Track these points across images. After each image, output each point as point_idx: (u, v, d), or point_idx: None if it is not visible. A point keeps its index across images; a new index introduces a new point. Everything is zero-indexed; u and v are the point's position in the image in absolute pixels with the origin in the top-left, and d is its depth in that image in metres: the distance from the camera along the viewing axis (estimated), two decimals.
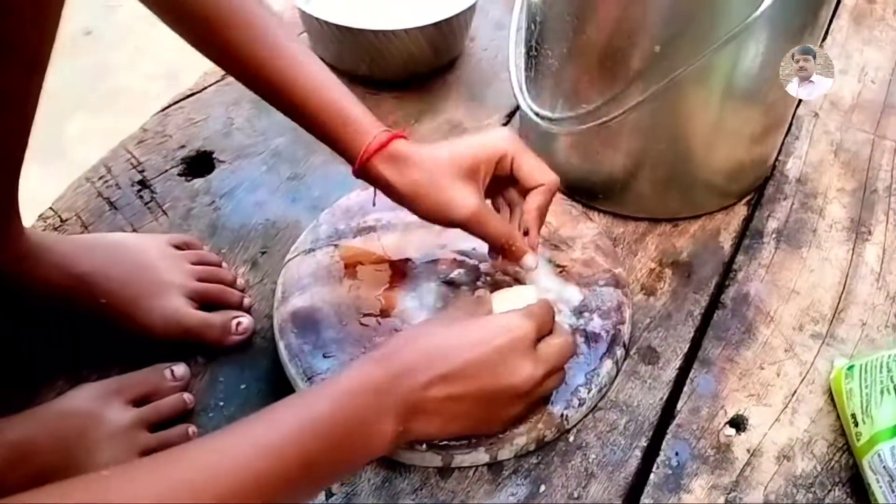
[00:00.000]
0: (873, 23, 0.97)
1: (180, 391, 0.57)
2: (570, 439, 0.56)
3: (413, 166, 0.53)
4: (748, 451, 0.56)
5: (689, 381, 0.60)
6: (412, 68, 0.84)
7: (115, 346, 0.59)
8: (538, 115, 0.69)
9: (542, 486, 0.54)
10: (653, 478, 0.55)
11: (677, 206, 0.71)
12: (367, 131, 0.54)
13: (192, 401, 0.57)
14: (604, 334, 0.60)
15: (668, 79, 0.57)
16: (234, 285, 0.64)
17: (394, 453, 0.54)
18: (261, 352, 0.61)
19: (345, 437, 0.42)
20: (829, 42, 0.92)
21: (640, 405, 0.59)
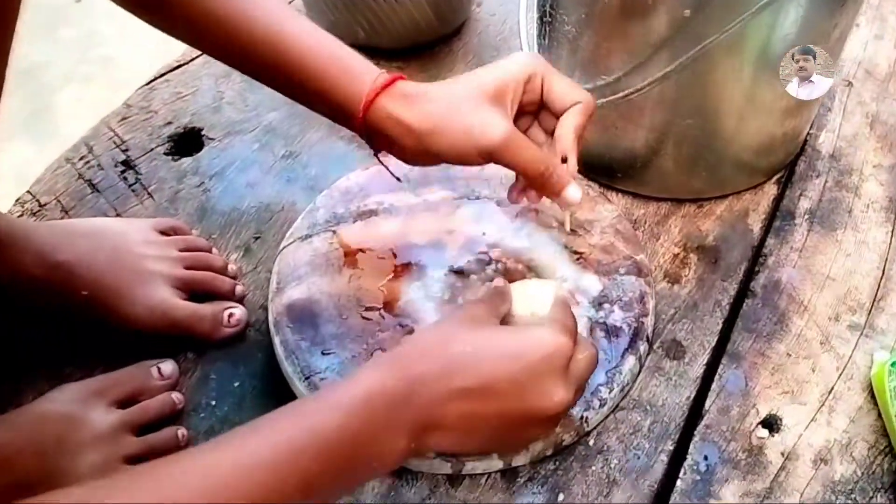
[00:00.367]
0: None
1: (168, 390, 0.54)
2: (591, 443, 0.52)
3: (427, 98, 0.48)
4: (782, 454, 0.52)
5: (717, 377, 0.56)
6: (414, 36, 0.78)
7: (98, 342, 0.56)
8: None
9: (561, 495, 0.50)
10: (680, 484, 0.51)
11: (702, 184, 0.65)
12: (368, 73, 0.48)
13: (181, 400, 0.54)
14: (625, 328, 0.55)
15: (699, 47, 0.52)
16: (226, 272, 0.60)
17: None
18: (255, 346, 0.58)
19: (351, 455, 0.38)
20: (862, 5, 0.86)
21: (666, 405, 0.54)
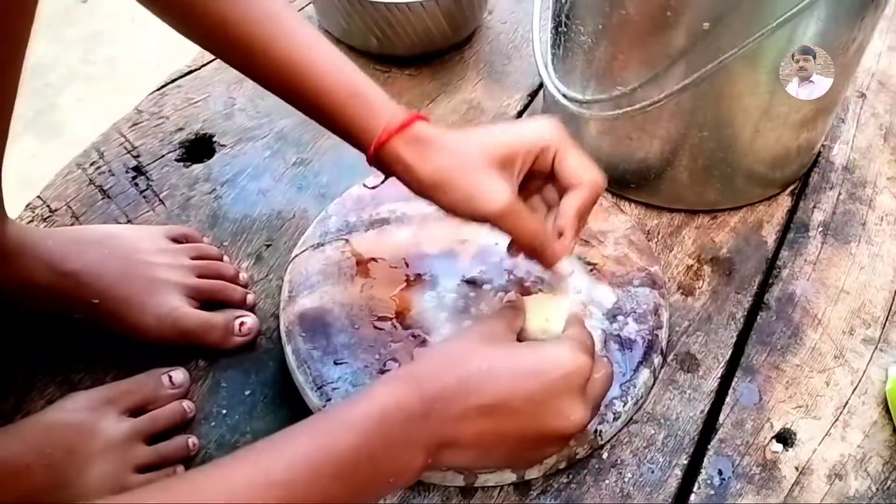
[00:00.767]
0: None
1: (179, 399, 0.54)
2: (604, 456, 0.52)
3: (439, 150, 0.46)
4: (797, 468, 0.52)
5: (731, 390, 0.55)
6: (426, 44, 0.78)
7: (108, 350, 0.55)
8: (566, 97, 0.64)
9: None
10: (694, 499, 0.50)
11: (716, 196, 0.65)
12: (384, 111, 0.47)
13: (192, 409, 0.54)
14: (640, 340, 0.55)
15: (717, 61, 0.52)
16: (237, 281, 0.60)
17: None
18: (266, 354, 0.57)
19: (367, 473, 0.37)
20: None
21: (680, 418, 0.54)
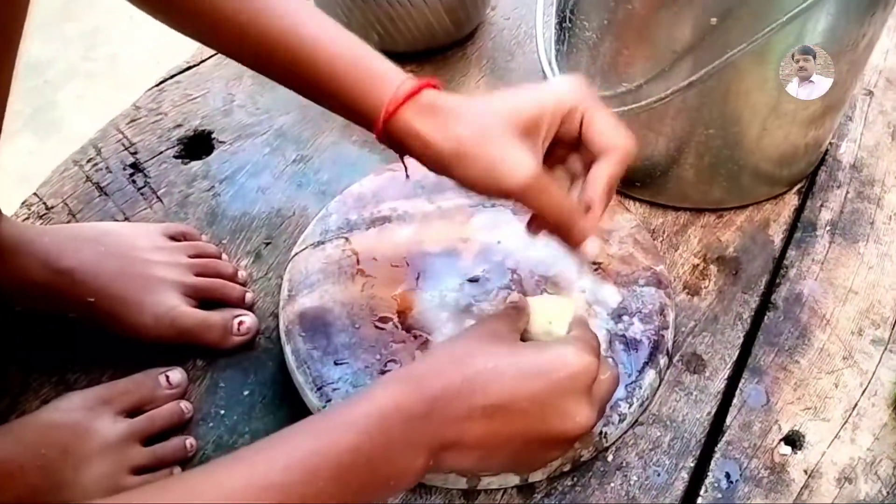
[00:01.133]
0: None
1: (177, 399, 0.53)
2: (609, 459, 0.51)
3: (455, 119, 0.42)
4: (805, 471, 0.51)
5: (738, 392, 0.54)
6: (429, 40, 0.77)
7: (104, 349, 0.55)
8: None
9: None
10: (700, 502, 0.49)
11: (723, 194, 0.64)
12: (391, 79, 0.43)
13: (189, 410, 0.53)
14: (645, 341, 0.54)
15: (725, 56, 0.51)
16: (235, 279, 0.59)
17: None
18: (265, 354, 0.56)
19: (367, 475, 0.36)
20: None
21: (686, 420, 0.53)
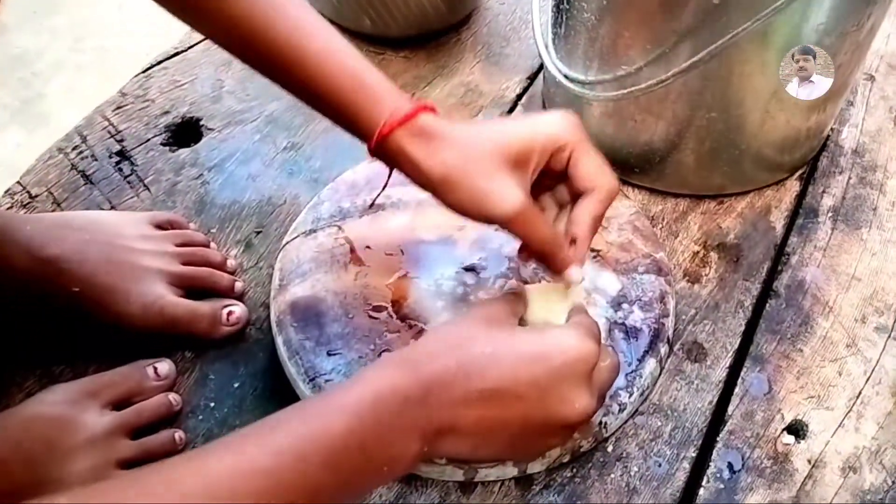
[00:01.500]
0: None
1: (165, 391, 0.52)
2: (609, 449, 0.50)
3: (448, 145, 0.43)
4: (809, 461, 0.50)
5: (740, 380, 0.53)
6: (422, 24, 0.75)
7: (90, 341, 0.53)
8: (567, 78, 0.61)
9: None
10: (703, 493, 0.48)
11: (723, 180, 0.63)
12: (388, 100, 0.44)
13: (178, 402, 0.52)
14: (645, 329, 0.53)
15: (727, 37, 0.50)
16: (225, 268, 0.58)
17: None
18: (256, 345, 0.55)
19: (359, 461, 0.35)
20: None
21: (687, 409, 0.52)
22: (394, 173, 0.47)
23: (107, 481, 0.33)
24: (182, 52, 0.74)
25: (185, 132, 0.68)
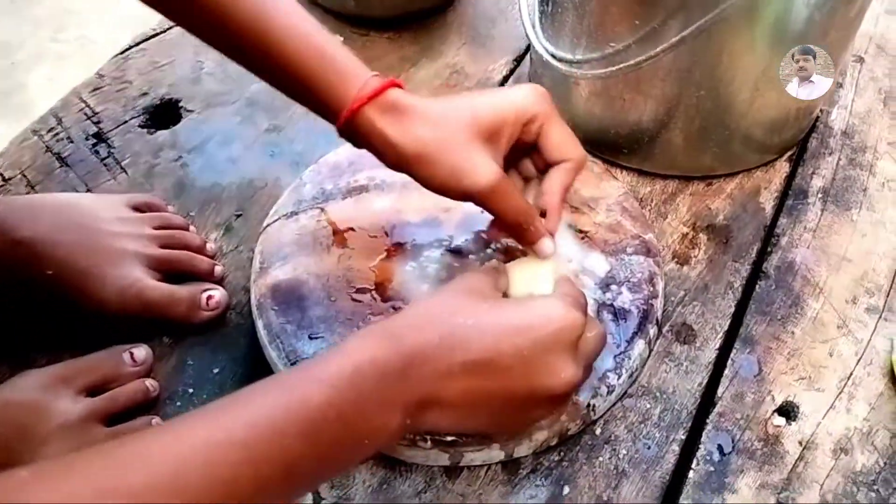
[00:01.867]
0: None
1: (142, 377, 0.50)
2: (597, 432, 0.49)
3: (420, 120, 0.43)
4: (800, 443, 0.49)
5: (730, 362, 0.53)
6: (407, 4, 0.74)
7: (66, 325, 0.52)
8: (555, 58, 0.60)
9: (566, 488, 0.47)
10: (692, 476, 0.47)
11: (712, 161, 0.62)
12: (356, 76, 0.43)
13: (155, 388, 0.50)
14: (634, 310, 0.52)
15: (716, 11, 0.49)
16: (204, 252, 0.57)
17: (394, 450, 0.47)
18: (236, 330, 0.54)
19: (338, 434, 0.34)
20: None
21: (677, 391, 0.51)
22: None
23: (74, 454, 0.31)
24: (161, 33, 0.72)
25: (164, 114, 0.67)
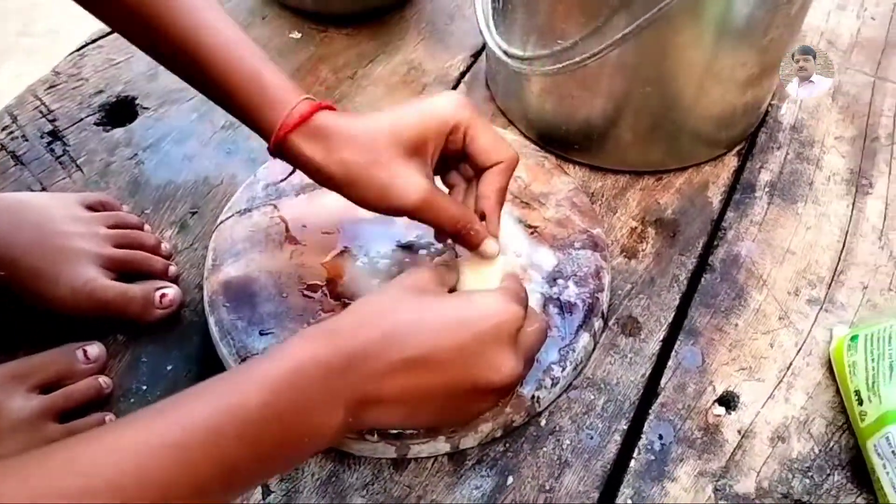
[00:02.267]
0: None
1: (95, 374, 0.51)
2: (542, 423, 0.50)
3: (345, 143, 0.43)
4: (739, 432, 0.51)
5: (673, 353, 0.54)
6: (366, 1, 0.74)
7: (19, 324, 0.52)
8: (507, 54, 0.61)
9: (510, 478, 0.48)
10: (633, 465, 0.49)
11: (662, 156, 0.63)
12: (285, 100, 0.44)
13: (109, 385, 0.51)
14: (580, 304, 0.53)
15: (658, 7, 0.49)
16: (159, 251, 0.57)
17: (342, 443, 0.48)
18: (190, 327, 0.54)
19: (278, 435, 0.34)
20: None
21: (620, 383, 0.52)
22: None
23: (11, 458, 0.32)
24: None
25: (120, 111, 0.66)
